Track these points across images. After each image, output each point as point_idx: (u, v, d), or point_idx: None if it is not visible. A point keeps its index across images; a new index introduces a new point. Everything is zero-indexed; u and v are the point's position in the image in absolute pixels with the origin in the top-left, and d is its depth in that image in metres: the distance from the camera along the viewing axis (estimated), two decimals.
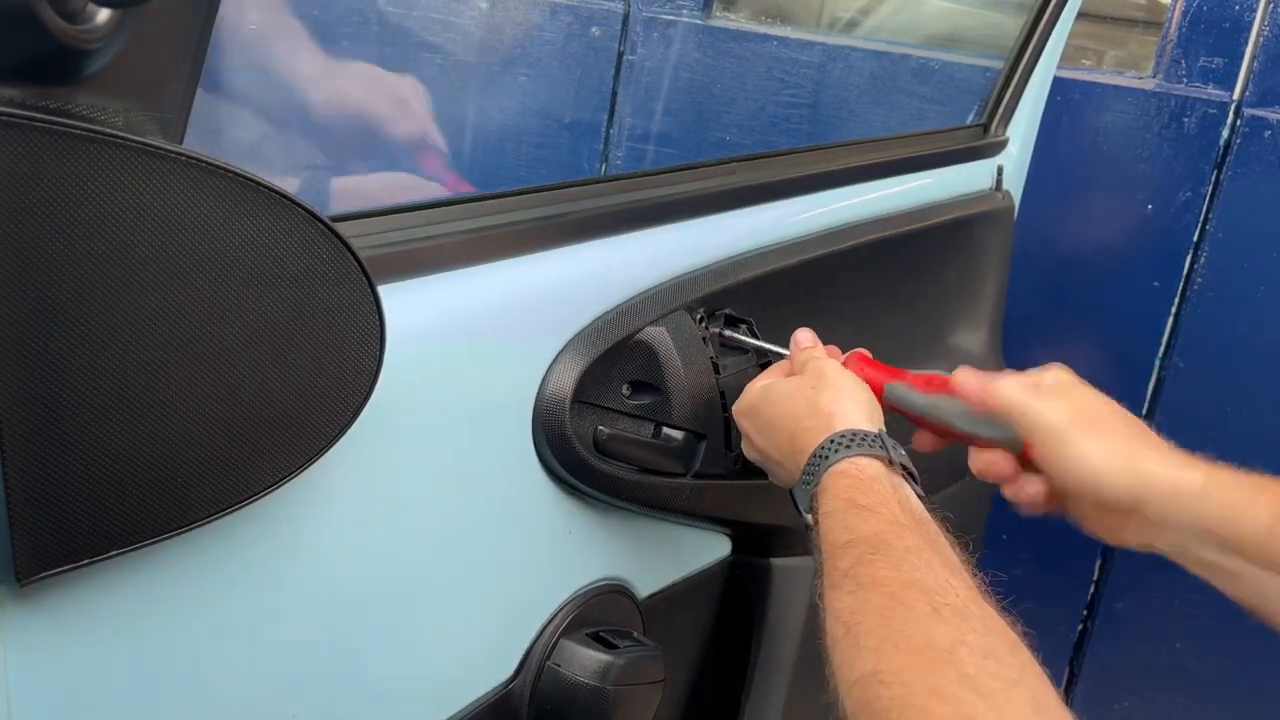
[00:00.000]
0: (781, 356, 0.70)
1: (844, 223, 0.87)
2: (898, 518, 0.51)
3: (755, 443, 0.65)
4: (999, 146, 1.08)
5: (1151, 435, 0.58)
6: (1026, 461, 0.60)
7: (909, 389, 0.64)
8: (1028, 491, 0.59)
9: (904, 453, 0.57)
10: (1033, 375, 0.61)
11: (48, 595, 0.41)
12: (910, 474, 0.56)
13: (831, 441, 0.56)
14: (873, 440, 0.56)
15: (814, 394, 0.61)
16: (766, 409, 0.64)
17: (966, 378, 0.62)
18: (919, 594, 0.46)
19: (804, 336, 0.69)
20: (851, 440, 0.56)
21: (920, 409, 0.63)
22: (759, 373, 0.76)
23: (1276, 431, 1.34)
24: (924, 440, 0.64)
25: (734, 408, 0.67)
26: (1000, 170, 1.07)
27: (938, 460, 0.67)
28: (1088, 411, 0.58)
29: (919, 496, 0.55)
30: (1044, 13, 1.04)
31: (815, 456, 0.57)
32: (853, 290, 0.90)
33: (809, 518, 0.56)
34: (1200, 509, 0.55)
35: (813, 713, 0.87)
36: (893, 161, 0.95)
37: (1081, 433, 0.57)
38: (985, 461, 0.60)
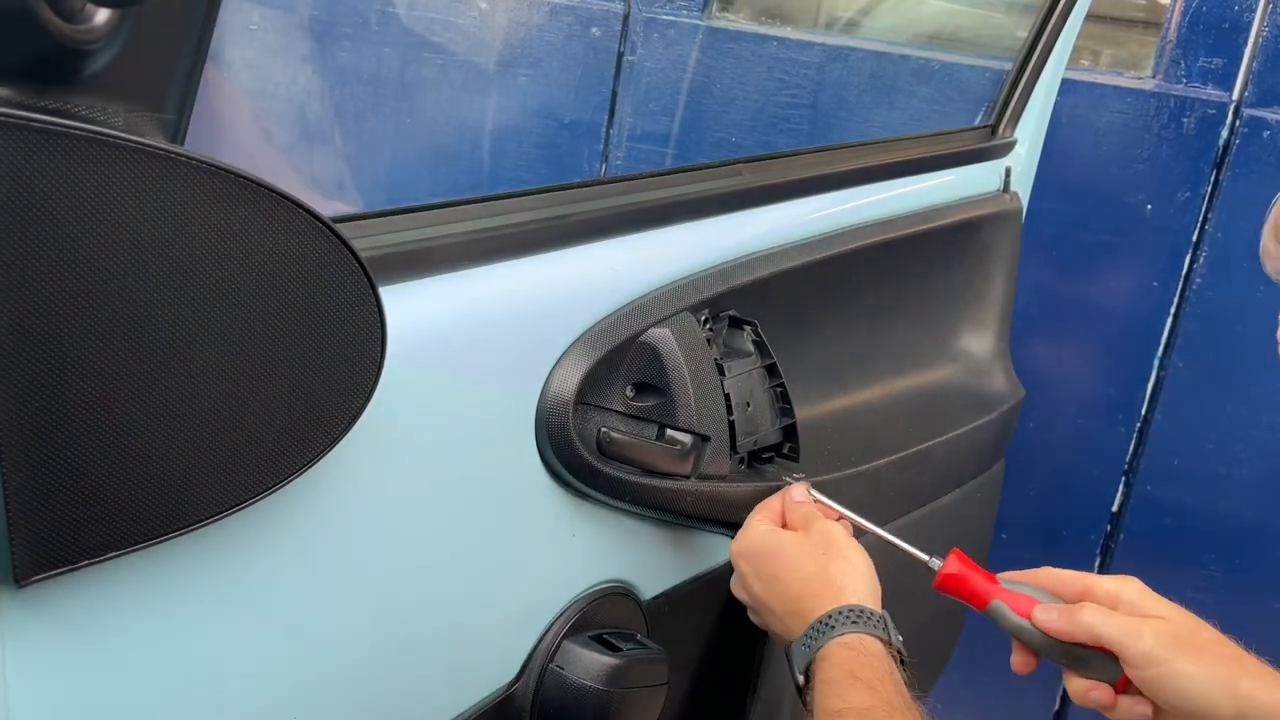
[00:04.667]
0: (919, 560, 0.67)
1: (851, 224, 0.87)
2: (891, 698, 0.54)
3: (752, 588, 0.67)
4: (1007, 148, 1.08)
5: (1243, 653, 0.59)
6: (1125, 683, 0.60)
7: (1008, 611, 0.63)
8: (1135, 712, 0.60)
9: (901, 639, 0.60)
10: (1108, 591, 0.61)
11: (47, 596, 0.41)
12: (903, 660, 0.59)
13: (840, 613, 0.60)
14: (877, 621, 0.60)
15: (825, 560, 0.63)
16: (772, 561, 0.65)
17: (1048, 616, 0.61)
18: None
19: (798, 493, 0.70)
20: (859, 616, 0.59)
21: (1015, 632, 0.63)
22: (763, 376, 0.76)
23: (1276, 432, 1.34)
24: (1020, 661, 0.63)
25: (734, 546, 0.69)
26: (1008, 172, 1.06)
27: (946, 465, 0.67)
28: (1179, 633, 0.58)
29: (907, 682, 0.58)
30: (1052, 13, 1.04)
31: (820, 623, 0.60)
32: (860, 292, 0.90)
33: (801, 678, 0.59)
34: None
35: None
36: (900, 163, 0.95)
37: (1180, 656, 0.57)
38: (1083, 689, 0.61)
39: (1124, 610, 0.60)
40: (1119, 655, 0.59)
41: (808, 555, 0.64)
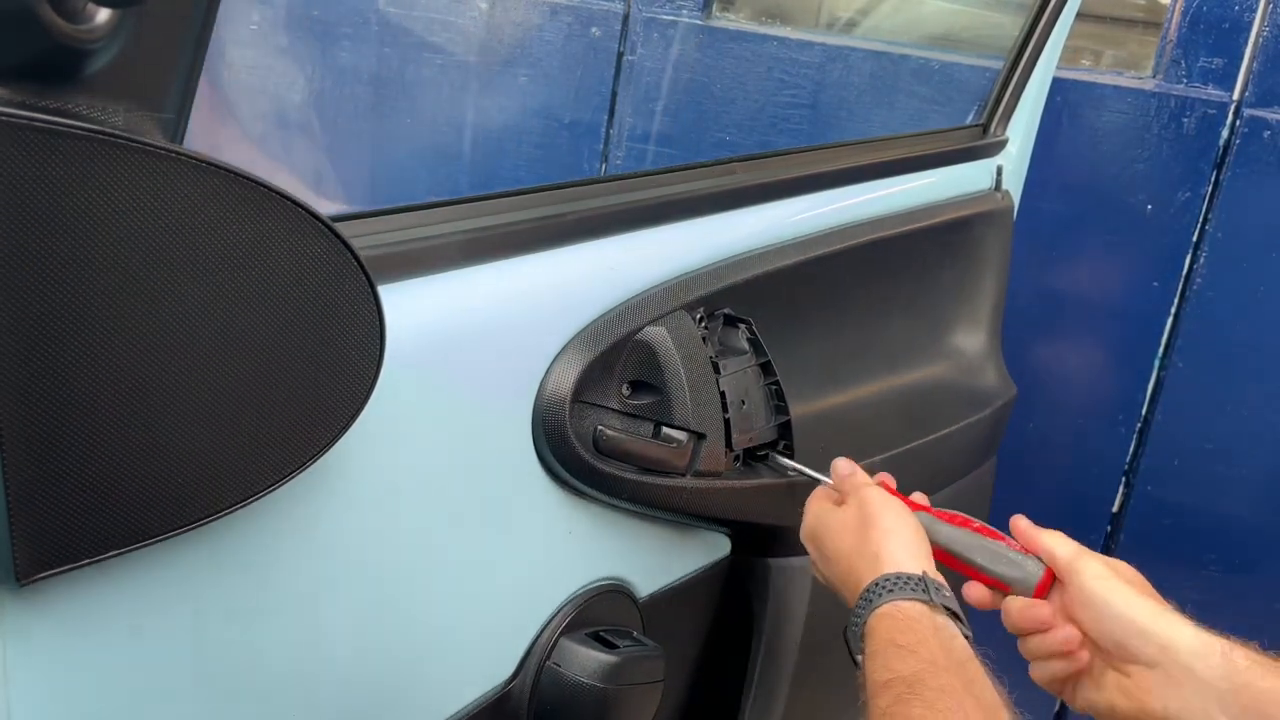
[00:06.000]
0: (820, 482, 0.71)
1: (843, 223, 0.87)
2: (935, 658, 0.53)
3: (820, 568, 0.67)
4: (998, 146, 1.08)
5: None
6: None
7: (933, 520, 0.65)
8: (1059, 637, 0.60)
9: (947, 594, 0.58)
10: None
11: (47, 595, 0.42)
12: (954, 614, 0.58)
13: (877, 584, 0.59)
14: (915, 583, 0.58)
15: (862, 531, 0.63)
16: (825, 541, 0.66)
17: (974, 596, 0.63)
18: None
19: (842, 465, 0.69)
20: (895, 584, 0.58)
21: (943, 542, 0.64)
22: (758, 374, 0.76)
23: (1275, 431, 1.34)
24: (972, 593, 0.64)
25: (801, 531, 0.69)
26: (999, 170, 1.07)
27: (939, 462, 0.67)
28: (1124, 574, 0.60)
29: (965, 636, 0.57)
30: (1043, 12, 1.05)
31: (862, 599, 0.59)
32: (852, 290, 0.90)
33: (859, 658, 0.58)
34: (1223, 666, 0.55)
35: (813, 712, 0.87)
36: (892, 161, 0.95)
37: (1115, 582, 0.59)
38: (1011, 610, 0.61)
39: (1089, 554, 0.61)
40: (1060, 569, 0.60)
41: (846, 530, 0.63)
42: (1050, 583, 0.61)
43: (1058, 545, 0.61)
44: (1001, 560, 0.62)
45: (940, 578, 0.59)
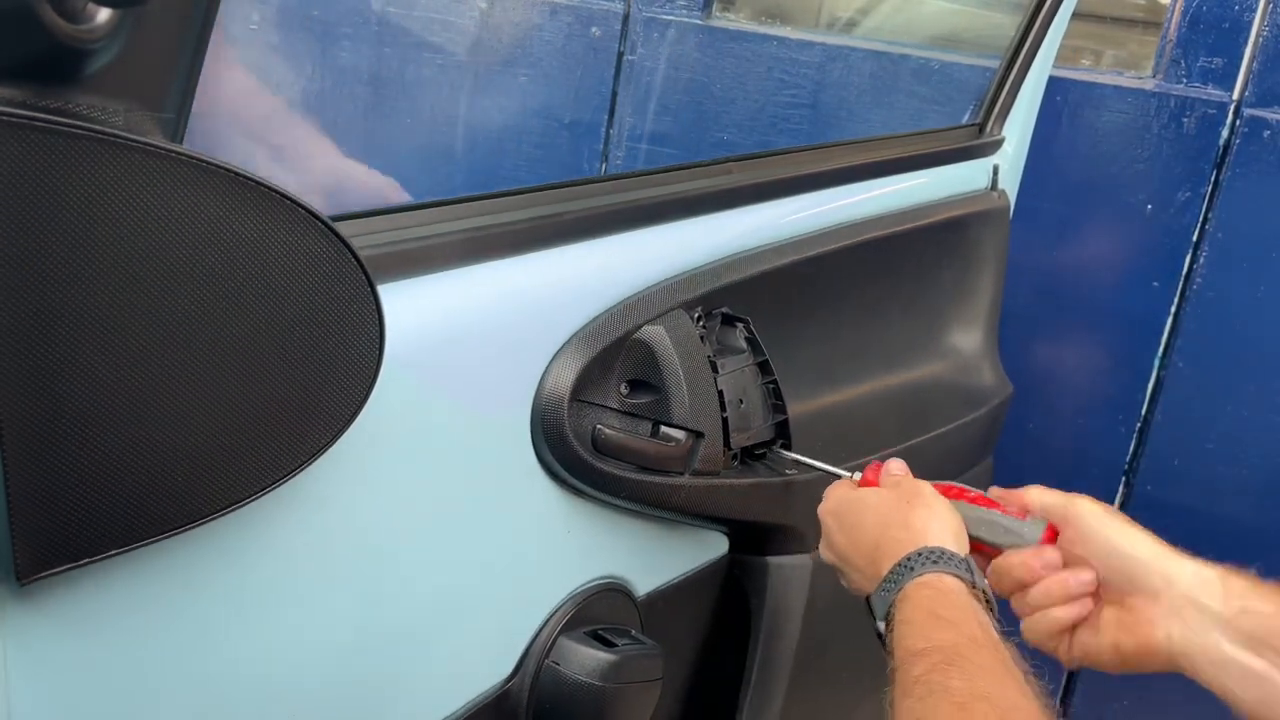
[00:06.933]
0: (830, 474, 0.72)
1: (840, 222, 0.87)
2: (975, 635, 0.53)
3: (835, 541, 0.66)
4: (994, 146, 1.08)
5: None
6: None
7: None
8: (1081, 579, 0.60)
9: (986, 583, 0.58)
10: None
11: (48, 595, 0.42)
12: (989, 603, 0.57)
13: (919, 554, 0.58)
14: (959, 562, 0.58)
15: (908, 509, 0.62)
16: (855, 513, 0.65)
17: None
18: (988, 708, 0.47)
19: (896, 466, 0.69)
20: (939, 557, 0.58)
21: None
22: (756, 373, 0.76)
23: (1275, 431, 1.34)
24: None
25: (820, 507, 0.68)
26: (996, 169, 1.07)
27: (935, 461, 0.67)
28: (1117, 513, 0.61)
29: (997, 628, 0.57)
30: (1039, 12, 1.05)
31: (900, 566, 0.58)
32: (849, 289, 0.90)
33: (881, 625, 0.57)
34: (1223, 593, 0.57)
35: (811, 709, 0.87)
36: (888, 161, 0.95)
37: (1115, 519, 0.60)
38: (1016, 563, 0.62)
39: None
40: (1060, 517, 0.61)
41: (891, 505, 0.63)
42: (1054, 538, 0.61)
43: (1046, 496, 0.63)
44: (999, 530, 0.63)
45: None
